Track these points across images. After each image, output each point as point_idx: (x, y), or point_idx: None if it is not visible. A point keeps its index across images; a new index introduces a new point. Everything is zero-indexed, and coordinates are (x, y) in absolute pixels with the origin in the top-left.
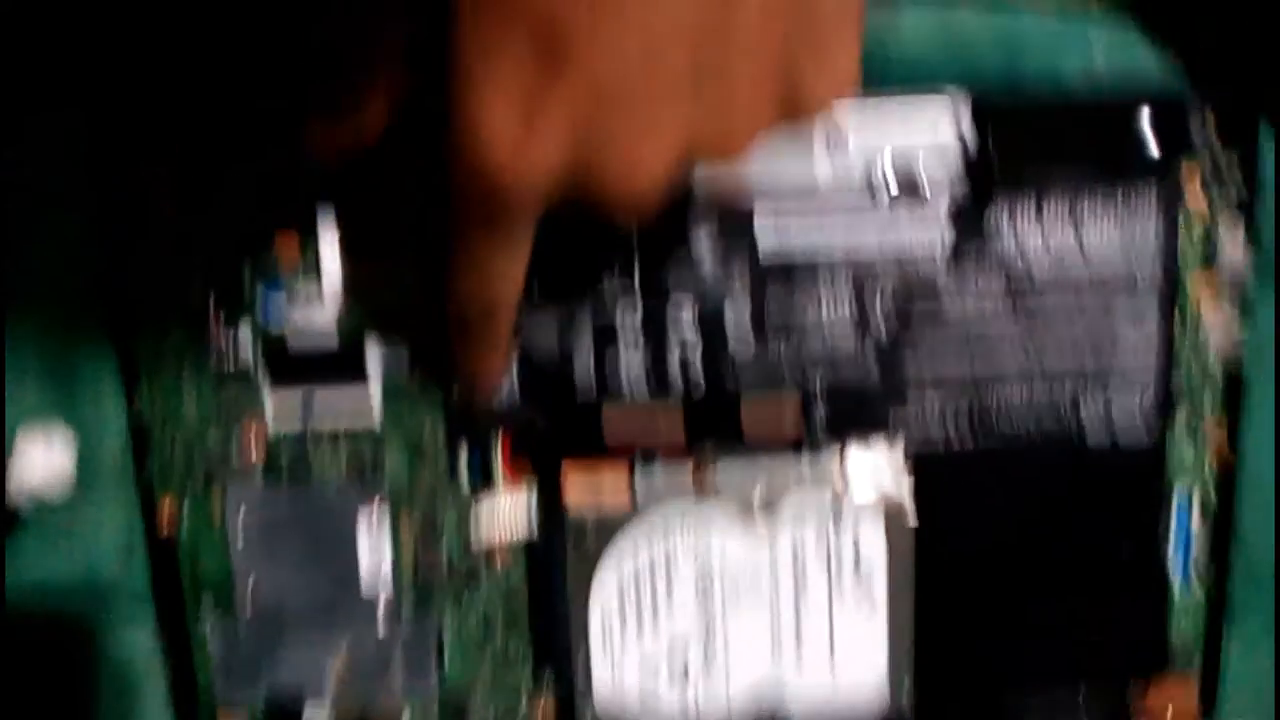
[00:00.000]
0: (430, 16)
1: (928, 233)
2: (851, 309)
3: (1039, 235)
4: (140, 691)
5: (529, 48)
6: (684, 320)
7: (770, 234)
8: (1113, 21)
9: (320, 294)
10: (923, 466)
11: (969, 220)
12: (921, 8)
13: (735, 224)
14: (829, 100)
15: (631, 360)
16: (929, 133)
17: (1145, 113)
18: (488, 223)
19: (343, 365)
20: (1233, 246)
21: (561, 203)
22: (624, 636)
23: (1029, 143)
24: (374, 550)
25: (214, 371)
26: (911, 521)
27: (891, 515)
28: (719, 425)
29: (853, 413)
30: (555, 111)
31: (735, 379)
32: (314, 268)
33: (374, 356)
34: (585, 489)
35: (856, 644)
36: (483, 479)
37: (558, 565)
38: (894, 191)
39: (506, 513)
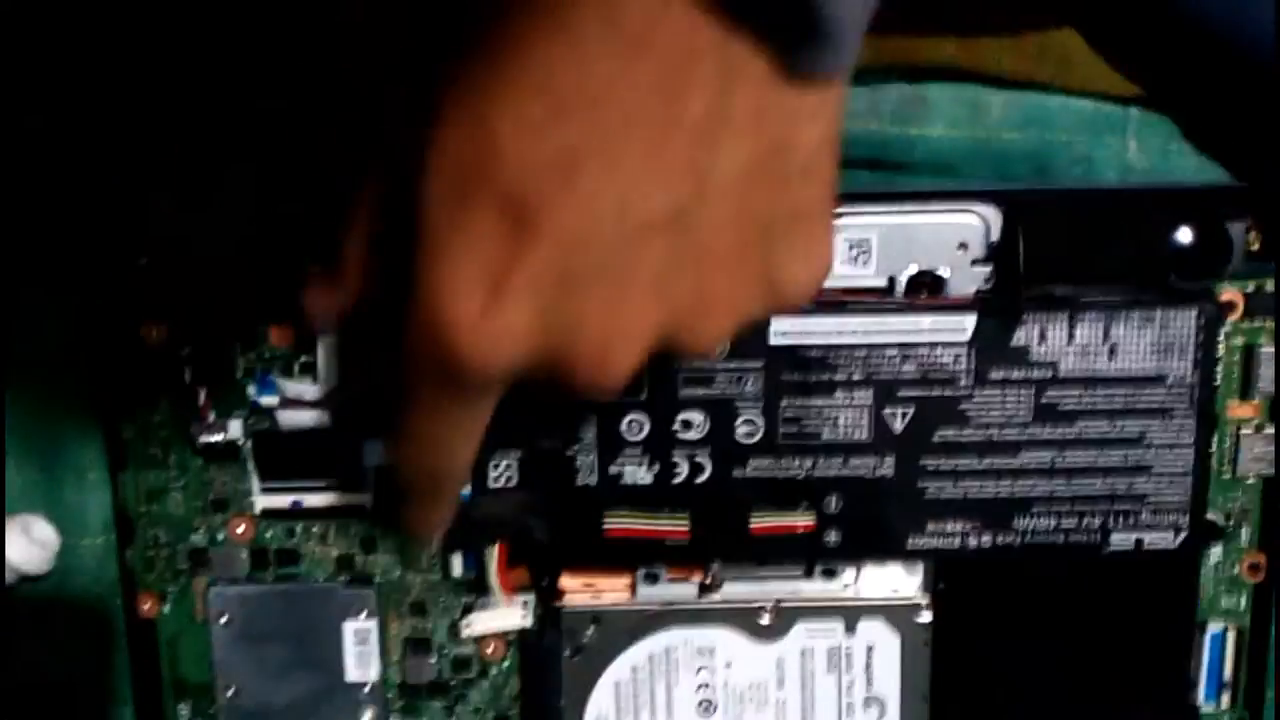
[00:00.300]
0: (402, 179)
1: (952, 340)
2: (870, 415)
3: (1070, 351)
4: None
5: (498, 219)
6: (693, 426)
7: (787, 337)
8: (1150, 119)
9: (314, 385)
10: (943, 575)
11: (997, 332)
12: (951, 106)
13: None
14: (808, 286)
15: (638, 469)
16: (957, 240)
17: (1185, 228)
18: (442, 396)
19: (335, 458)
20: (1271, 366)
21: (528, 380)
22: None
23: (1063, 256)
24: (361, 653)
25: (202, 461)
26: (928, 619)
27: (907, 619)
28: (727, 537)
29: (870, 523)
30: (522, 287)
31: (746, 489)
32: (309, 359)
33: (369, 450)
34: (584, 600)
35: None
36: (477, 584)
37: (553, 675)
38: (919, 297)
39: (500, 622)
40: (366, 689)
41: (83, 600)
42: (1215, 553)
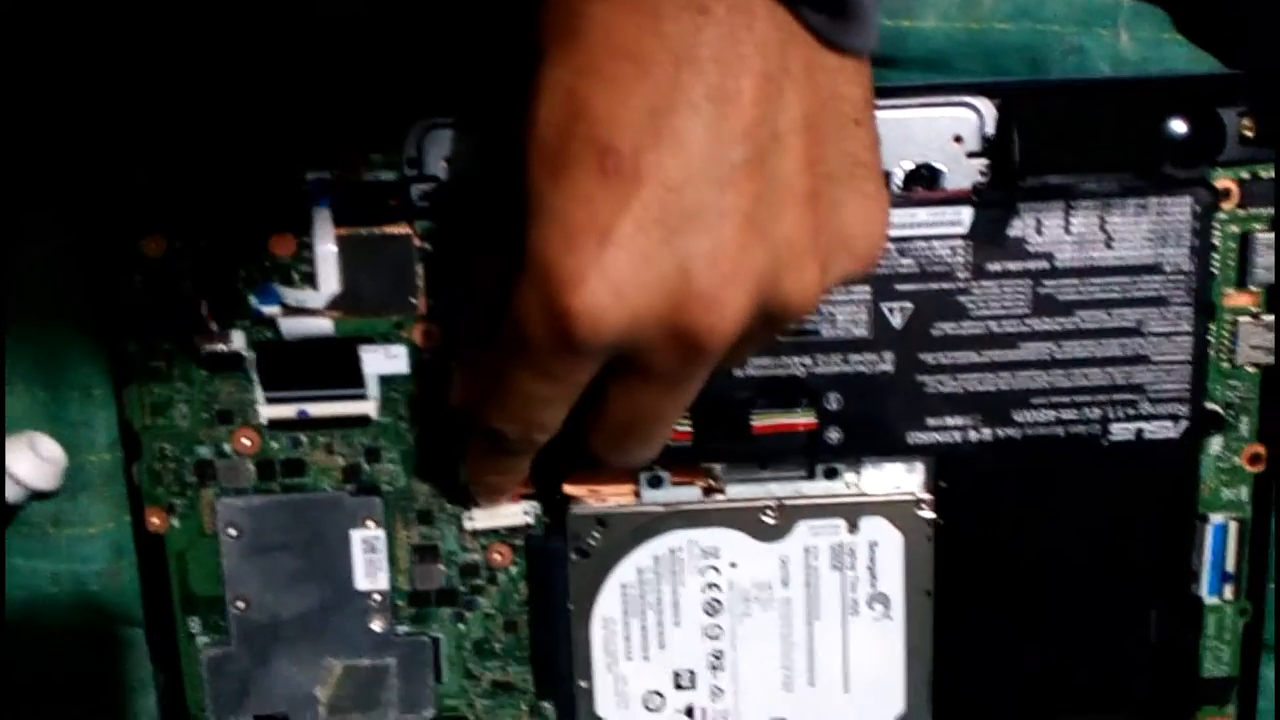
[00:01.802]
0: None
1: (949, 233)
2: (869, 311)
3: (1067, 242)
4: (130, 706)
5: (597, 172)
6: None
7: None
8: (1141, 9)
9: (315, 291)
10: (944, 471)
11: (993, 224)
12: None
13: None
14: (872, 240)
15: None
16: (952, 133)
17: (1178, 117)
18: (550, 364)
19: (338, 366)
20: (1268, 254)
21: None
22: (628, 654)
23: (1057, 148)
24: (370, 562)
25: (206, 373)
26: (930, 515)
27: (909, 515)
28: (729, 437)
29: (871, 420)
30: (629, 231)
31: (746, 388)
32: (309, 268)
33: (370, 357)
34: (590, 505)
35: (872, 658)
36: None
37: (560, 579)
38: (915, 191)
39: (502, 521)
40: (376, 597)
41: (91, 517)
42: (1216, 444)
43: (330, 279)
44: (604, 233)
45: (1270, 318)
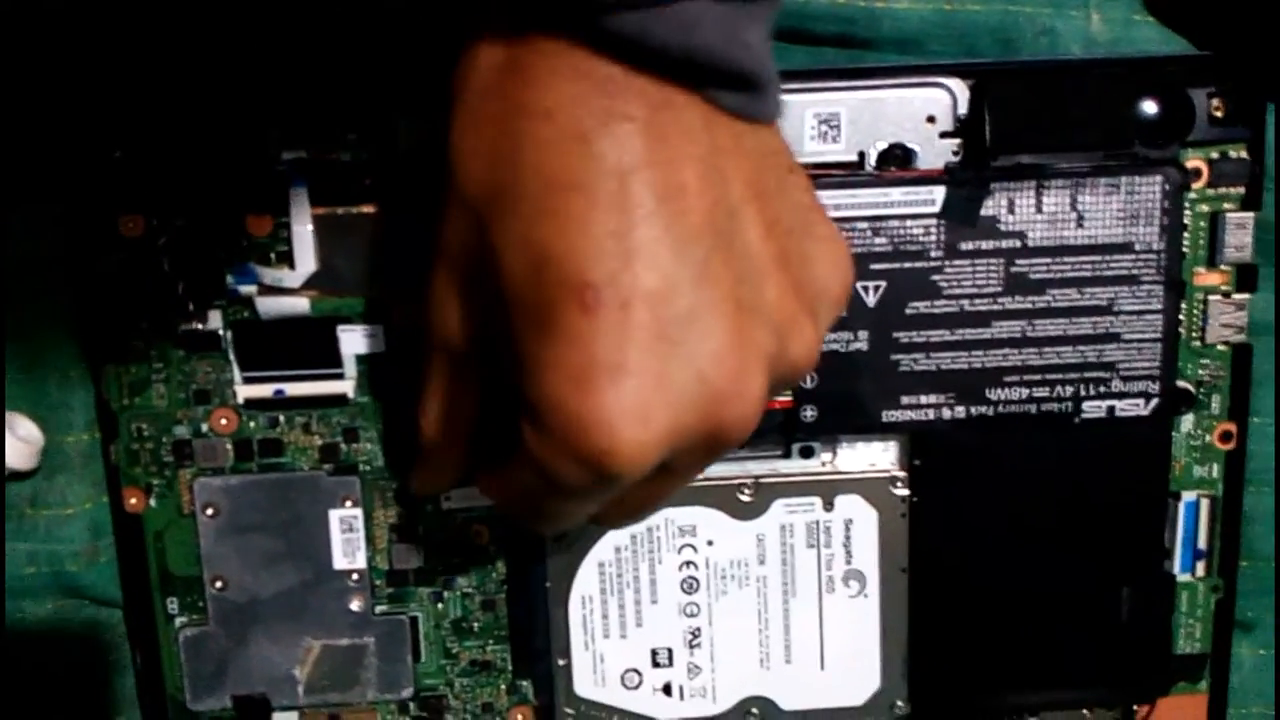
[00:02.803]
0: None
1: (922, 212)
2: None
3: (1039, 221)
4: (108, 686)
5: (581, 312)
6: None
7: None
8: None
9: (293, 271)
10: (918, 449)
11: (966, 203)
12: None
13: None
14: (842, 285)
15: None
16: (925, 113)
17: (1149, 98)
18: (584, 496)
19: (315, 346)
20: (1238, 233)
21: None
22: (606, 632)
23: (1029, 128)
24: (348, 541)
25: (184, 353)
26: (904, 493)
27: (884, 493)
28: None
29: (846, 398)
30: (637, 355)
31: None
32: (286, 247)
33: (348, 337)
34: None
35: (848, 634)
36: None
37: (538, 558)
38: (889, 171)
39: (485, 503)
40: (354, 577)
41: (68, 497)
42: (1187, 422)
43: (307, 258)
44: (612, 367)
45: (1241, 296)
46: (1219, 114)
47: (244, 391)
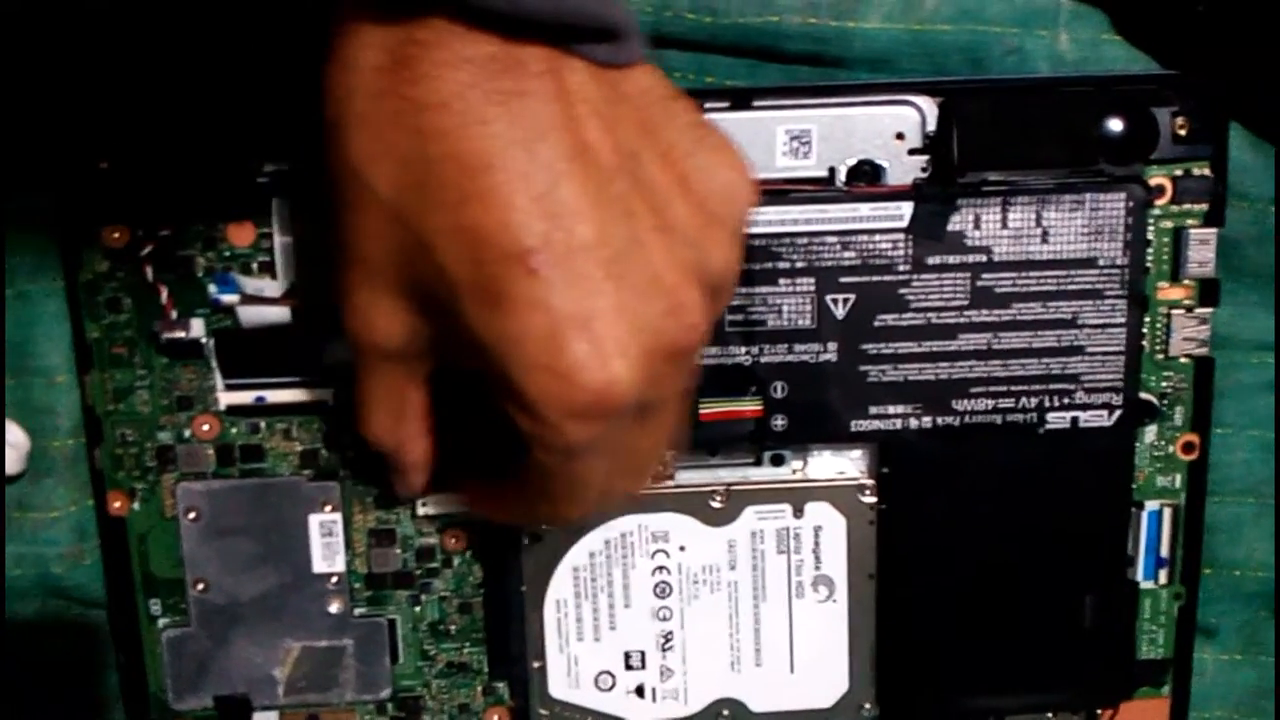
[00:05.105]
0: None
1: (890, 227)
2: (813, 303)
3: (1004, 236)
4: (92, 686)
5: (526, 275)
6: None
7: None
8: (1080, 11)
9: (274, 281)
10: (886, 458)
11: (933, 219)
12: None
13: None
14: (748, 179)
15: None
16: (894, 130)
17: (1114, 116)
18: (591, 446)
19: (296, 354)
20: (1201, 249)
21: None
22: (580, 635)
23: (996, 145)
24: (327, 545)
25: (167, 360)
26: (873, 500)
27: (852, 500)
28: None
29: (815, 408)
30: (599, 305)
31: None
32: (268, 258)
33: (330, 345)
34: None
35: (817, 639)
36: None
37: (514, 563)
38: (858, 186)
39: (462, 508)
40: (333, 580)
41: (54, 501)
42: (1150, 433)
43: (288, 268)
44: (575, 317)
45: (1203, 310)
46: (1183, 132)
47: (226, 398)
